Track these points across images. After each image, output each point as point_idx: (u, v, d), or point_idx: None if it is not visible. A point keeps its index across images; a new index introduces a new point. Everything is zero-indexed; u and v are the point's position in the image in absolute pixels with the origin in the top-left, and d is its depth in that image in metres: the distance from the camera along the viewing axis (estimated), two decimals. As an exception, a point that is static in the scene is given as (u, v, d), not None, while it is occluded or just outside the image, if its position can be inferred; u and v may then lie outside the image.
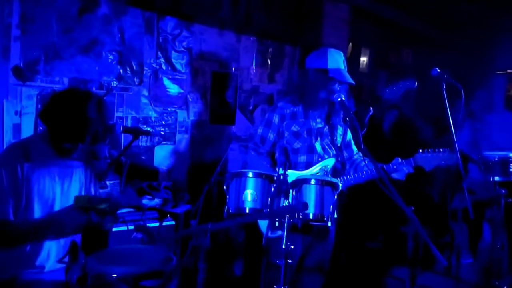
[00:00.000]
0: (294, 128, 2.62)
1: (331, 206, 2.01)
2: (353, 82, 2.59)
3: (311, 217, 2.02)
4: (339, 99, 2.48)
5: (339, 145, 2.73)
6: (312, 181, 2.03)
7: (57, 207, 2.06)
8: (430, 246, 1.91)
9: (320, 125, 2.67)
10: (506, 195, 3.37)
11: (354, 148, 2.81)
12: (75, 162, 2.18)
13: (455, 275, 3.95)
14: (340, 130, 2.74)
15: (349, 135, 2.78)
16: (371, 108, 3.24)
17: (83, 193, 2.21)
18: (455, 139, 3.18)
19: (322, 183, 2.02)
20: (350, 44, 5.88)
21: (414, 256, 3.17)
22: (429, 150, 2.57)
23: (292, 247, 2.06)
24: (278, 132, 2.63)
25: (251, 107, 4.53)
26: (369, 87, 6.56)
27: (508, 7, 5.75)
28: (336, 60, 2.60)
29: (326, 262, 2.71)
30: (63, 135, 1.98)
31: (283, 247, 2.02)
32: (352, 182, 2.61)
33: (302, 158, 2.60)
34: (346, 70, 2.63)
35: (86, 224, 1.83)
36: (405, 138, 5.10)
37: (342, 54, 2.65)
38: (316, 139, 2.64)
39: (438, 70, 3.18)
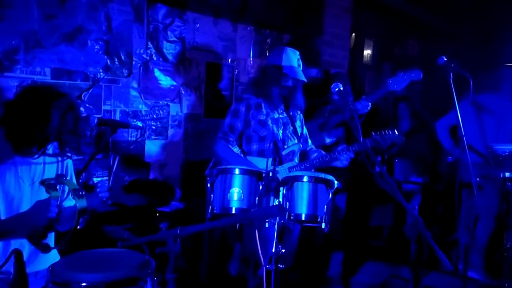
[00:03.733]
0: (261, 117, 2.81)
1: (325, 206, 1.83)
2: (305, 80, 2.84)
3: (303, 218, 1.84)
4: (336, 89, 2.31)
5: (299, 134, 2.96)
6: (305, 179, 1.85)
7: (25, 208, 1.89)
8: (435, 248, 1.73)
9: (282, 115, 2.90)
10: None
11: (310, 142, 3.06)
12: (47, 158, 2.02)
13: (462, 275, 3.78)
14: (298, 122, 2.99)
15: (305, 129, 3.04)
16: (369, 104, 3.11)
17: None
18: (463, 133, 3.00)
19: (315, 181, 1.84)
20: (353, 34, 5.67)
21: (418, 257, 3.01)
22: (382, 131, 2.73)
23: (283, 250, 1.89)
24: (245, 121, 2.81)
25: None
26: (372, 79, 6.36)
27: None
28: (290, 58, 2.83)
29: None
30: (23, 139, 1.85)
31: (273, 250, 1.85)
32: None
33: (268, 145, 2.78)
34: (300, 68, 2.86)
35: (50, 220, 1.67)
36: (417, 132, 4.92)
37: (298, 53, 2.89)
38: (279, 128, 2.85)
39: (445, 59, 3.01)
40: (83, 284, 1.61)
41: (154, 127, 3.62)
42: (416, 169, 4.82)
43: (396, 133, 2.68)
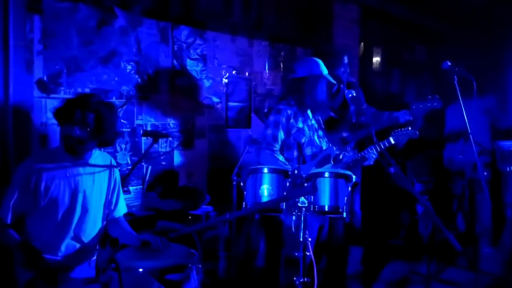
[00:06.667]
0: (300, 124, 2.98)
1: (346, 198, 2.09)
2: (334, 82, 3.08)
3: (326, 209, 2.10)
4: (350, 95, 2.57)
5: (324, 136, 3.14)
6: (326, 174, 2.11)
7: (77, 215, 2.18)
8: (445, 231, 1.96)
9: (313, 121, 3.09)
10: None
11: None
12: (97, 169, 2.28)
13: (476, 267, 3.94)
14: (321, 125, 3.17)
15: (320, 132, 3.21)
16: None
17: (103, 199, 2.32)
18: (469, 131, 3.22)
19: (335, 176, 2.09)
20: (362, 44, 5.92)
21: (430, 244, 3.20)
22: (399, 129, 2.97)
23: (310, 239, 2.13)
24: (286, 131, 2.96)
25: (265, 110, 4.61)
26: (382, 86, 6.58)
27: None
28: (322, 66, 3.05)
29: None
30: (68, 124, 2.12)
31: (300, 239, 2.10)
32: None
33: (308, 151, 2.96)
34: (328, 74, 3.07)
35: None
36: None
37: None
38: (314, 134, 3.04)
39: (449, 63, 3.23)
40: (140, 269, 1.89)
41: (181, 139, 3.91)
42: (426, 169, 5.01)
43: (410, 129, 2.95)
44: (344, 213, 2.09)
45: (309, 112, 3.09)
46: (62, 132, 2.19)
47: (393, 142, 2.90)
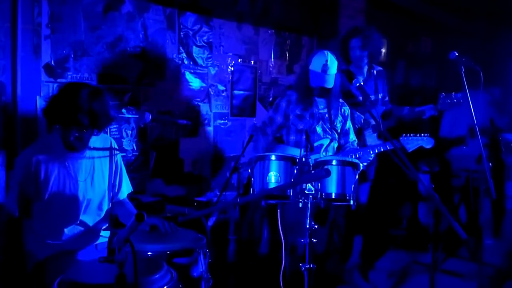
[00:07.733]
0: (298, 111, 3.04)
1: (353, 185, 2.10)
2: (329, 86, 2.94)
3: (333, 197, 2.11)
4: (357, 84, 2.57)
5: (339, 130, 3.11)
6: (334, 162, 2.12)
7: (81, 203, 2.15)
8: (450, 220, 1.97)
9: (323, 111, 3.07)
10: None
11: (351, 136, 3.17)
12: (97, 157, 2.23)
13: (478, 259, 3.96)
14: (339, 117, 3.11)
15: (348, 124, 3.16)
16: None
17: (106, 183, 2.28)
18: (475, 122, 3.21)
19: (343, 164, 2.10)
20: (367, 34, 5.88)
21: (435, 233, 3.21)
22: (411, 134, 2.88)
23: (316, 226, 2.15)
24: (285, 115, 3.06)
25: (270, 99, 4.62)
26: (387, 77, 6.55)
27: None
28: (316, 63, 2.94)
29: None
30: (65, 128, 2.03)
31: (307, 226, 2.11)
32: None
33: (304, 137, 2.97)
34: (327, 72, 2.91)
35: None
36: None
37: (326, 58, 2.92)
38: (318, 123, 3.04)
39: (456, 54, 3.21)
40: (149, 253, 1.91)
41: (186, 126, 3.91)
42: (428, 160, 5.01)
43: (427, 136, 2.88)
44: (351, 201, 2.10)
45: (318, 102, 3.07)
46: (57, 132, 2.08)
47: (399, 146, 2.81)
